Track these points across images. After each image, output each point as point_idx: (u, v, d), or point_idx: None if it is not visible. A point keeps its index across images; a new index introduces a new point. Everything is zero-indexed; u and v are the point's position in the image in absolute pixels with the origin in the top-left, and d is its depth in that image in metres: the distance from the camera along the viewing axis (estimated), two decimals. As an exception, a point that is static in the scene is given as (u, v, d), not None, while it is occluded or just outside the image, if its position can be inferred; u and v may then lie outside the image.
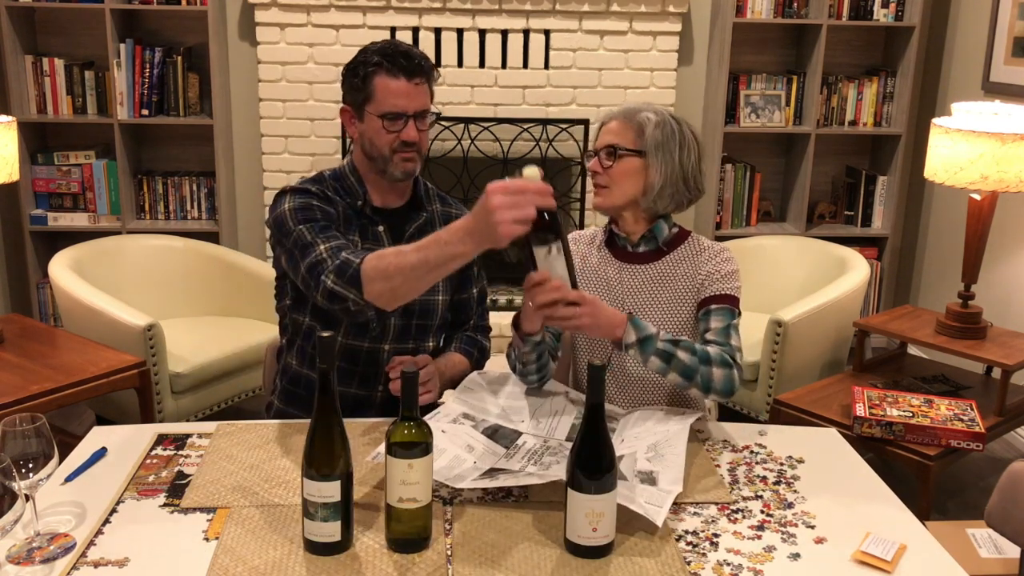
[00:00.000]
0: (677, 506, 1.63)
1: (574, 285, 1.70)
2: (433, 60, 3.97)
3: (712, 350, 1.86)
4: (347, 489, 1.45)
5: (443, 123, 4.05)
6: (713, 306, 1.94)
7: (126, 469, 1.73)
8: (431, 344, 2.11)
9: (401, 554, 1.47)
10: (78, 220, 4.12)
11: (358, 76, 1.94)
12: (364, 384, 2.04)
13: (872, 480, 1.77)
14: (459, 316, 2.19)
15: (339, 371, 2.00)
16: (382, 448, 1.52)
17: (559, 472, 1.58)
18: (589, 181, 3.11)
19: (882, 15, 4.21)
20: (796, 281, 3.81)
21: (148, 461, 1.76)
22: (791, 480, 1.75)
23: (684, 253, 2.02)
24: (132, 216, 4.17)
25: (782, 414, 2.86)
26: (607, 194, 1.97)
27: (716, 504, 1.65)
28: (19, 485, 1.38)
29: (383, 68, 1.91)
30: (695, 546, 1.52)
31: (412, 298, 1.79)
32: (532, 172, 1.58)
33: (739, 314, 1.95)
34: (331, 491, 1.43)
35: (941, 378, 3.15)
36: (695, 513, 1.62)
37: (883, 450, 2.63)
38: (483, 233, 1.56)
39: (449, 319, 2.17)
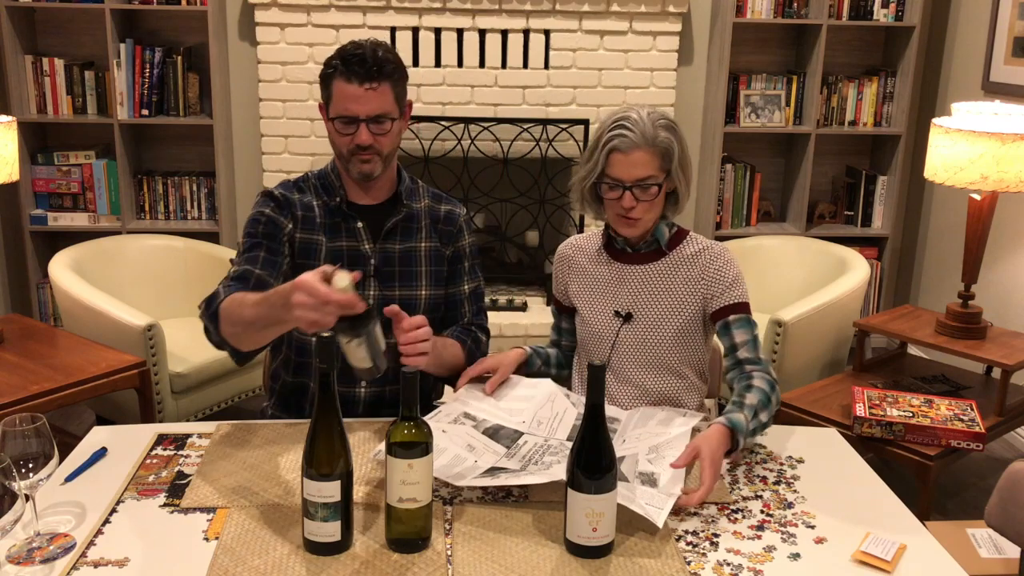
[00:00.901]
0: (677, 506, 1.63)
1: (377, 370, 1.62)
2: (433, 60, 4.04)
3: (759, 382, 1.87)
4: (347, 489, 1.45)
5: (443, 123, 4.06)
6: (731, 317, 1.96)
7: (126, 469, 1.73)
8: None
9: (401, 554, 1.47)
10: (78, 220, 4.12)
11: (321, 78, 1.99)
12: (345, 381, 2.02)
13: (872, 480, 1.77)
14: (450, 313, 2.16)
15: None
16: (383, 446, 1.52)
17: (559, 472, 1.58)
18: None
19: (882, 15, 4.21)
20: (796, 281, 3.81)
21: (148, 461, 1.76)
22: (791, 480, 1.75)
23: (684, 253, 2.02)
24: (132, 216, 4.17)
25: (782, 414, 2.86)
26: (643, 224, 1.96)
27: (716, 504, 1.65)
28: (19, 485, 1.38)
29: (339, 72, 1.93)
30: (695, 546, 1.52)
31: (261, 345, 1.84)
32: (343, 283, 1.53)
33: (754, 321, 1.98)
34: (331, 491, 1.43)
35: (941, 378, 3.15)
36: (695, 513, 1.62)
37: (883, 450, 2.63)
38: (289, 314, 1.58)
39: (441, 315, 2.14)
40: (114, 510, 1.59)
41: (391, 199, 2.08)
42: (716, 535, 1.55)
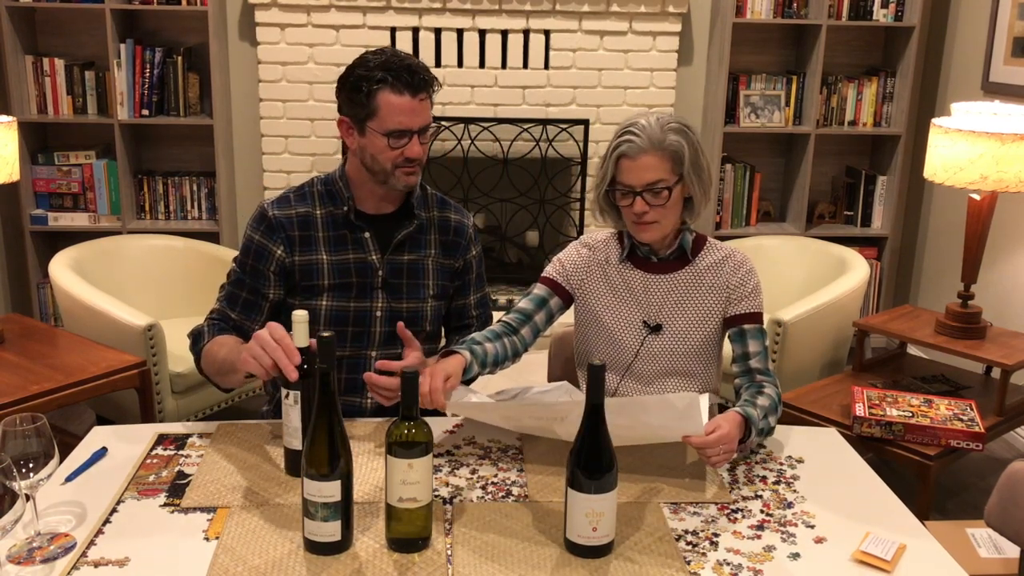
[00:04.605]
0: (677, 506, 1.63)
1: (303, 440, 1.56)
2: (433, 60, 4.04)
3: (769, 391, 1.91)
4: (347, 489, 1.45)
5: (443, 123, 4.06)
6: (747, 326, 1.98)
7: (126, 469, 1.73)
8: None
9: (401, 554, 1.47)
10: (78, 220, 4.12)
11: (361, 92, 1.90)
12: (351, 391, 2.02)
13: (872, 480, 1.78)
14: (455, 323, 2.17)
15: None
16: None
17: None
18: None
19: (882, 15, 4.21)
20: (796, 281, 3.81)
21: (148, 461, 1.76)
22: (791, 480, 1.75)
23: (707, 261, 2.01)
24: (132, 216, 4.18)
25: (782, 414, 2.86)
26: (658, 229, 1.94)
27: (716, 504, 1.65)
28: (19, 485, 1.38)
29: (388, 84, 1.87)
30: (695, 546, 1.52)
31: (233, 387, 1.96)
32: (300, 315, 1.65)
33: (765, 332, 2.01)
34: (331, 491, 1.43)
35: (941, 378, 3.15)
36: (695, 513, 1.62)
37: (883, 450, 2.63)
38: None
39: (440, 327, 2.14)
40: (114, 510, 1.59)
41: (400, 209, 2.04)
42: (716, 535, 1.56)
